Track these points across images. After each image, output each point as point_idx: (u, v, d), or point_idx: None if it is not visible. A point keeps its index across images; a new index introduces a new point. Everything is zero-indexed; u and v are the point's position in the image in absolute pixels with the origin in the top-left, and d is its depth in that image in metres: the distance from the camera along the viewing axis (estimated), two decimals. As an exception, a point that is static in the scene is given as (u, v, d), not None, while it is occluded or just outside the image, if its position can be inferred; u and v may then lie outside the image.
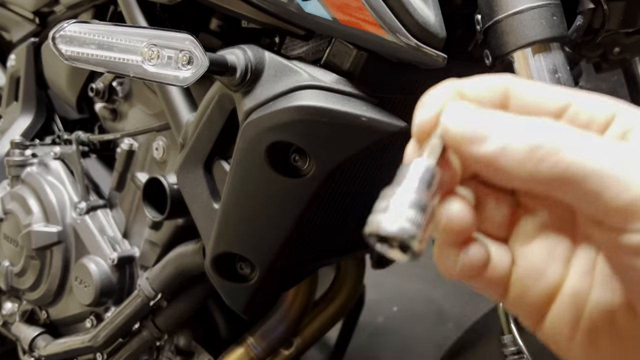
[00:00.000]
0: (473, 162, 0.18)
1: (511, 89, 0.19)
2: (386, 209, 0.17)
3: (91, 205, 0.68)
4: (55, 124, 0.81)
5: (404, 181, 0.18)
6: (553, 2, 0.35)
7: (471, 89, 0.20)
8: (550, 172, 0.17)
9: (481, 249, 0.20)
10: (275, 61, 0.43)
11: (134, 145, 0.65)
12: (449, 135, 0.18)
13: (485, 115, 0.18)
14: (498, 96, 0.19)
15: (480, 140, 0.18)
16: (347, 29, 0.40)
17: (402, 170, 0.19)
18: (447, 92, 0.20)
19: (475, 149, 0.18)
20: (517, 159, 0.17)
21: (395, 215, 0.17)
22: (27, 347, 0.72)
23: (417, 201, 0.17)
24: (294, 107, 0.41)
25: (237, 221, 0.48)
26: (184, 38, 0.42)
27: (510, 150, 0.17)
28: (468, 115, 0.18)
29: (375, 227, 0.17)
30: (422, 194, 0.18)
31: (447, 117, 0.19)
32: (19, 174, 0.74)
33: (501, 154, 0.17)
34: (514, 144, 0.17)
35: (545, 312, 0.20)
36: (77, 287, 0.65)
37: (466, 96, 0.20)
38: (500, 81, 0.20)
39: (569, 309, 0.19)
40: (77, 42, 0.47)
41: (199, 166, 0.52)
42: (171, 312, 0.64)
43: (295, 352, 0.66)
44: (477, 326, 0.51)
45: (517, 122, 0.18)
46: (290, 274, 0.53)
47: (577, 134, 0.17)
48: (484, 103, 0.19)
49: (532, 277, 0.20)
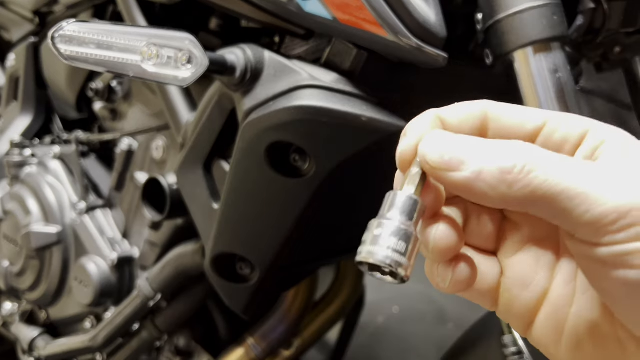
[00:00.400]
0: (451, 188, 0.20)
1: (489, 112, 0.20)
2: (373, 240, 0.19)
3: (91, 205, 0.68)
4: (55, 124, 0.81)
5: (388, 213, 0.20)
6: (553, 2, 0.35)
7: (451, 116, 0.21)
8: (521, 194, 0.18)
9: (468, 265, 0.21)
10: (275, 61, 0.43)
11: (133, 145, 0.65)
12: (426, 164, 0.20)
13: (460, 142, 0.19)
14: (477, 121, 0.20)
15: (456, 167, 0.19)
16: (347, 28, 0.39)
17: (386, 201, 0.20)
18: (428, 120, 0.21)
19: (451, 176, 0.19)
20: (490, 183, 0.18)
21: (382, 246, 0.19)
22: (27, 347, 0.72)
23: (401, 231, 0.19)
24: (293, 107, 0.41)
25: (236, 221, 0.48)
26: (183, 37, 0.42)
27: (484, 175, 0.18)
28: (443, 144, 0.19)
29: (364, 257, 0.19)
30: (405, 224, 0.19)
31: (424, 146, 0.20)
32: (18, 173, 0.74)
33: (475, 179, 0.18)
34: (487, 169, 0.18)
35: (533, 319, 0.21)
36: (77, 287, 0.65)
37: (447, 122, 0.21)
38: (478, 106, 0.21)
39: (554, 315, 0.20)
40: (77, 42, 0.47)
41: (198, 166, 0.52)
42: (171, 312, 0.64)
43: (295, 352, 0.66)
44: (477, 327, 0.51)
45: (490, 147, 0.19)
46: (290, 274, 0.53)
47: (547, 156, 0.18)
48: (464, 129, 0.20)
49: (519, 287, 0.21)
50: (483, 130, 0.21)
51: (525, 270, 0.21)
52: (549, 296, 0.21)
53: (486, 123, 0.21)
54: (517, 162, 0.18)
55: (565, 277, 0.20)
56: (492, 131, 0.21)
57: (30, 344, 0.72)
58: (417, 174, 0.20)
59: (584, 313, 0.20)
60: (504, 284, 0.21)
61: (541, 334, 0.21)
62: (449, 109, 0.21)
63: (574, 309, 0.20)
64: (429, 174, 0.20)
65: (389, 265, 0.19)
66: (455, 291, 0.21)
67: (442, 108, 0.21)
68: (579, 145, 0.19)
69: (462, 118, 0.21)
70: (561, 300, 0.20)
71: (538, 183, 0.17)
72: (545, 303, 0.21)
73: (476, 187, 0.18)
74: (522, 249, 0.22)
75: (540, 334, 0.21)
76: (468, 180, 0.18)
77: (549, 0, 0.35)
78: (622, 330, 0.19)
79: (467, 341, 0.50)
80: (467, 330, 0.52)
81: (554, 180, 0.17)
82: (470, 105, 0.21)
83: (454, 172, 0.19)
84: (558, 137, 0.20)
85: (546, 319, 0.20)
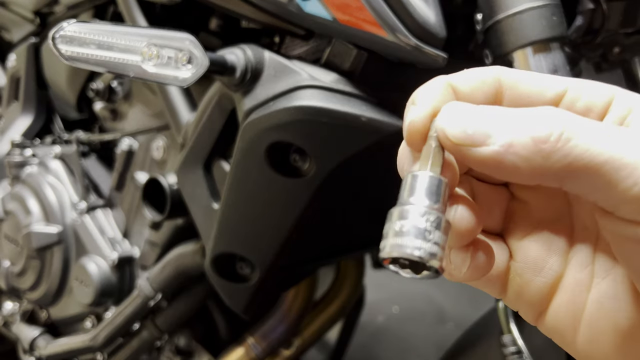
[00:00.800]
0: (477, 165, 0.17)
1: (503, 79, 0.18)
2: (399, 230, 0.17)
3: (91, 205, 0.68)
4: (56, 124, 0.81)
5: (410, 197, 0.17)
6: (553, 3, 0.35)
7: (463, 83, 0.19)
8: (559, 165, 0.16)
9: (485, 250, 0.19)
10: (275, 61, 0.43)
11: (133, 145, 0.65)
12: (448, 141, 0.17)
13: (483, 113, 0.17)
14: (491, 88, 0.18)
15: (482, 141, 0.16)
16: (347, 29, 0.39)
17: (405, 184, 0.18)
18: (439, 88, 0.18)
19: (477, 152, 0.17)
20: (524, 156, 0.16)
21: (410, 236, 0.16)
22: (28, 347, 0.72)
23: (430, 217, 0.17)
24: (293, 107, 0.41)
25: (237, 221, 0.48)
26: (184, 38, 0.42)
27: (516, 147, 0.16)
28: (465, 116, 0.17)
29: (389, 252, 0.17)
30: (433, 207, 0.17)
31: (443, 121, 0.17)
32: (19, 173, 0.74)
33: (506, 152, 0.16)
34: (518, 139, 0.16)
35: (546, 306, 0.19)
36: (77, 287, 0.65)
37: (459, 91, 0.19)
38: (491, 72, 0.19)
39: (570, 302, 0.19)
40: (77, 42, 0.47)
41: (198, 166, 0.52)
42: (171, 312, 0.64)
43: (295, 352, 0.66)
44: (477, 326, 0.51)
45: (519, 115, 0.17)
46: (290, 274, 0.53)
47: (586, 122, 0.16)
48: (477, 97, 0.18)
49: (531, 272, 0.19)
50: (497, 99, 0.18)
51: (537, 254, 0.19)
52: (564, 281, 0.19)
53: (501, 91, 0.18)
54: (554, 130, 0.16)
55: (581, 260, 0.19)
56: (507, 100, 0.18)
57: (31, 344, 0.72)
58: (437, 152, 0.18)
59: (606, 299, 0.18)
60: (515, 269, 0.20)
61: (555, 322, 0.19)
62: (460, 75, 0.19)
63: (592, 294, 0.18)
64: (450, 150, 0.18)
65: (422, 257, 0.16)
66: (470, 279, 0.19)
67: (452, 75, 0.19)
68: (605, 114, 0.17)
69: (474, 86, 0.18)
70: (578, 286, 0.19)
71: (579, 152, 0.15)
72: (559, 289, 0.19)
73: (507, 162, 0.16)
74: (532, 231, 0.20)
75: (554, 322, 0.19)
76: (498, 155, 0.16)
77: (549, 0, 0.35)
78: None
79: (467, 341, 0.50)
80: (467, 329, 0.52)
81: (597, 149, 0.15)
82: (482, 72, 0.19)
83: (480, 147, 0.16)
84: (581, 106, 0.18)
85: (561, 306, 0.19)
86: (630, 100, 0.17)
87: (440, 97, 0.18)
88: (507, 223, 0.21)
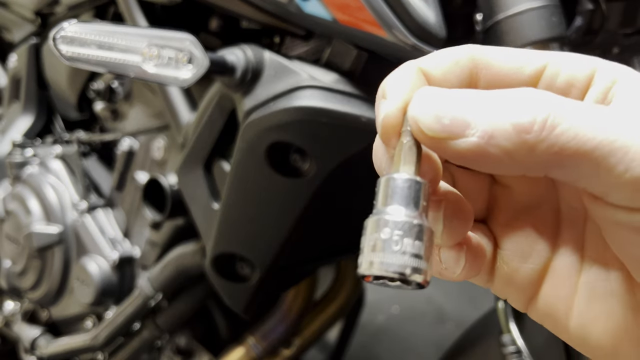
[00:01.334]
0: (456, 159, 0.15)
1: (477, 58, 0.17)
2: (377, 245, 0.15)
3: (92, 205, 0.68)
4: (56, 124, 0.81)
5: (387, 206, 0.15)
6: (552, 3, 0.35)
7: (434, 66, 0.17)
8: (546, 155, 0.14)
9: (477, 245, 0.18)
10: (275, 61, 0.44)
11: (134, 145, 0.65)
12: (421, 134, 0.15)
13: (459, 99, 0.15)
14: (465, 70, 0.17)
15: (460, 132, 0.15)
16: (347, 29, 0.40)
17: (380, 189, 0.16)
18: (410, 75, 0.17)
19: (455, 145, 0.15)
20: (507, 147, 0.14)
21: (390, 251, 0.15)
22: (29, 347, 0.72)
23: (410, 227, 0.15)
24: (293, 108, 0.41)
25: (237, 221, 0.48)
26: (184, 38, 0.42)
27: (497, 139, 0.14)
28: (439, 103, 0.15)
29: (368, 269, 0.15)
30: (412, 216, 0.15)
31: (414, 110, 0.15)
32: (20, 173, 0.74)
33: (487, 145, 0.14)
34: (500, 129, 0.14)
35: (536, 292, 0.19)
36: (78, 287, 0.65)
37: (430, 75, 0.17)
38: (464, 52, 0.17)
39: (560, 287, 0.18)
40: (78, 43, 0.47)
41: (199, 166, 0.52)
42: (172, 312, 0.64)
43: (295, 351, 0.66)
44: (476, 326, 0.51)
45: (498, 99, 0.15)
46: (290, 273, 0.53)
47: (571, 105, 0.14)
48: (451, 81, 0.17)
49: (518, 259, 0.19)
50: (473, 81, 0.17)
51: (523, 240, 0.18)
52: (553, 266, 0.18)
53: (476, 72, 0.17)
54: (537, 116, 0.14)
55: (570, 244, 0.18)
56: (484, 81, 0.17)
57: (32, 343, 0.72)
58: (411, 146, 0.16)
59: (598, 283, 0.17)
60: (501, 257, 0.19)
61: (546, 308, 0.18)
62: (430, 58, 0.17)
63: (583, 278, 0.18)
64: (426, 145, 0.16)
65: (405, 274, 0.15)
66: (465, 278, 0.18)
67: (422, 58, 0.17)
68: (588, 88, 0.16)
69: (446, 68, 0.17)
70: (568, 270, 0.18)
71: (566, 140, 0.14)
72: (549, 274, 0.18)
73: (488, 155, 0.14)
74: (517, 216, 0.19)
75: (544, 308, 0.18)
76: (478, 148, 0.14)
77: (548, 1, 0.35)
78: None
79: (467, 340, 0.50)
80: (467, 329, 0.52)
81: (587, 134, 0.14)
82: (454, 52, 0.17)
83: (458, 139, 0.15)
84: (562, 81, 0.16)
85: (551, 292, 0.18)
86: (614, 71, 0.16)
87: (412, 85, 0.16)
88: (491, 209, 0.20)
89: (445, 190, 0.18)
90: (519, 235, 0.19)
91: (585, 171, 0.14)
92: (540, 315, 0.19)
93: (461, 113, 0.15)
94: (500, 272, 0.19)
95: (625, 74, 0.16)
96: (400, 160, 0.16)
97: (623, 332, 0.17)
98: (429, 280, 0.15)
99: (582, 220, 0.18)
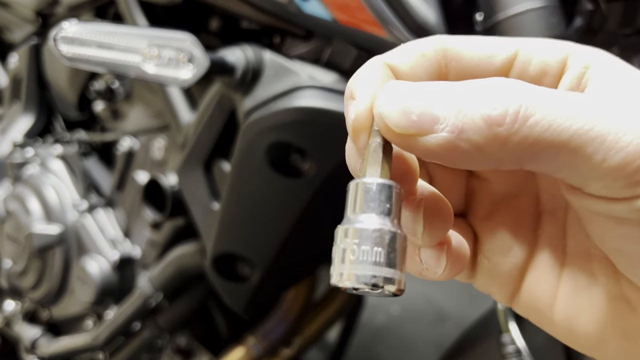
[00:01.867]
0: (426, 156, 0.15)
1: (447, 49, 0.16)
2: (348, 255, 0.14)
3: (92, 205, 0.68)
4: (57, 124, 0.81)
5: (358, 214, 0.15)
6: (551, 4, 0.35)
7: (401, 61, 0.16)
8: (519, 148, 0.13)
9: (459, 243, 0.18)
10: (275, 61, 0.44)
11: (134, 145, 0.65)
12: (388, 131, 0.15)
13: (427, 91, 0.14)
14: (433, 62, 0.16)
15: (428, 127, 0.14)
16: (346, 29, 0.40)
17: (350, 196, 0.15)
18: (376, 71, 0.16)
19: (424, 142, 0.14)
20: (477, 142, 0.14)
21: (359, 262, 0.14)
22: (30, 346, 0.72)
23: (381, 236, 0.14)
24: (293, 108, 0.41)
25: (237, 221, 0.48)
26: (184, 38, 0.43)
27: (467, 133, 0.14)
28: (405, 97, 0.14)
29: (340, 281, 0.14)
30: (382, 223, 0.14)
31: (380, 106, 0.15)
32: (20, 173, 0.74)
33: (457, 140, 0.14)
34: (469, 122, 0.14)
35: (518, 287, 0.18)
36: (79, 286, 0.65)
37: (398, 70, 0.16)
38: (431, 43, 0.16)
39: (543, 280, 0.18)
40: (78, 43, 0.47)
41: (199, 166, 0.52)
42: (172, 311, 0.64)
43: (295, 351, 0.66)
44: (476, 326, 0.51)
45: (467, 90, 0.14)
46: (290, 273, 0.53)
47: (544, 92, 0.14)
48: (419, 75, 0.16)
49: (499, 253, 0.18)
50: (442, 73, 0.16)
51: (503, 234, 0.18)
52: (535, 259, 0.18)
53: (445, 64, 0.16)
54: (509, 106, 0.13)
55: (551, 235, 0.18)
56: (454, 73, 0.16)
57: (32, 343, 0.72)
58: (380, 147, 0.15)
59: (580, 274, 0.17)
60: (482, 252, 0.19)
61: (530, 302, 0.18)
62: (396, 52, 0.16)
63: (566, 270, 0.17)
64: (394, 143, 0.15)
65: (376, 285, 0.14)
66: (448, 278, 0.18)
67: (388, 53, 0.16)
68: (561, 74, 0.16)
69: (413, 62, 0.16)
70: (550, 263, 0.17)
71: (540, 130, 0.13)
72: (531, 267, 0.18)
73: (460, 150, 0.14)
74: (496, 209, 0.18)
75: (528, 301, 0.18)
76: (448, 144, 0.14)
77: (548, 2, 0.35)
78: (632, 290, 0.16)
79: (467, 340, 0.51)
80: (466, 329, 0.52)
81: (561, 124, 0.13)
82: (421, 44, 0.16)
83: (427, 135, 0.14)
84: (535, 68, 0.16)
85: (534, 285, 0.18)
86: (587, 56, 0.15)
87: (379, 82, 0.16)
88: (469, 202, 0.19)
89: (423, 189, 0.18)
90: (499, 229, 0.18)
91: (561, 162, 0.14)
92: (524, 309, 0.18)
93: (429, 107, 0.14)
94: (482, 267, 0.19)
95: (598, 58, 0.15)
96: (372, 162, 0.15)
97: (609, 322, 0.17)
98: (403, 289, 0.15)
99: (562, 211, 0.18)
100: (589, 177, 0.14)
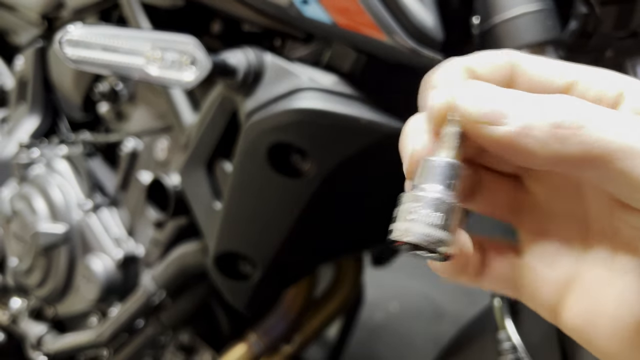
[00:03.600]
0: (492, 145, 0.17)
1: (516, 65, 0.18)
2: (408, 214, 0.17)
3: (97, 204, 0.69)
4: (62, 126, 0.82)
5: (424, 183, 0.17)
6: (547, 7, 0.36)
7: (479, 66, 0.19)
8: (574, 150, 0.15)
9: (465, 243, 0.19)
10: (276, 63, 0.44)
11: (138, 146, 0.66)
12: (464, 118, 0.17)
13: (503, 93, 0.17)
14: (503, 73, 0.18)
15: (497, 120, 0.16)
16: (346, 32, 0.40)
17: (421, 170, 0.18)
18: (458, 70, 0.18)
19: (492, 130, 0.16)
20: (540, 138, 0.16)
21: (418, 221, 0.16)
22: (35, 343, 0.73)
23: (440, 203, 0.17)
24: (294, 109, 0.42)
25: (239, 221, 0.49)
26: (187, 41, 0.43)
27: (533, 130, 0.16)
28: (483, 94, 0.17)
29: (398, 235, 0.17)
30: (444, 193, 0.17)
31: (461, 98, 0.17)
32: (26, 174, 0.75)
33: (523, 134, 0.16)
34: (536, 122, 0.16)
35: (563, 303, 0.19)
36: (83, 284, 0.66)
37: (476, 74, 0.18)
38: (505, 57, 0.19)
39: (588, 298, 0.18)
40: (83, 46, 0.48)
41: (201, 167, 0.53)
42: (175, 309, 0.65)
43: (296, 348, 0.67)
44: (473, 323, 0.51)
45: (535, 99, 0.17)
46: (290, 272, 0.54)
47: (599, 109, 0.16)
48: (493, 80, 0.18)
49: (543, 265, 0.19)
50: (510, 84, 0.18)
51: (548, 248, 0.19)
52: (581, 278, 0.18)
53: (513, 76, 0.18)
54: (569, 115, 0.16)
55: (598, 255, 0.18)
56: (519, 86, 0.18)
57: (38, 340, 0.73)
58: (454, 135, 0.17)
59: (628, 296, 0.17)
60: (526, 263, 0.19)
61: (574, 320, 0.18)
62: (475, 58, 0.19)
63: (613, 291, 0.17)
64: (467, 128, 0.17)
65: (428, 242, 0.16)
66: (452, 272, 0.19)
67: (468, 57, 0.19)
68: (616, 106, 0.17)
69: (488, 69, 0.18)
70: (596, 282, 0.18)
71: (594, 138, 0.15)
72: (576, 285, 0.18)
73: (522, 144, 0.16)
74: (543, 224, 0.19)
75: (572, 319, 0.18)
76: (513, 135, 0.16)
77: (543, 5, 0.36)
78: None
79: (464, 337, 0.51)
80: (464, 326, 0.53)
81: (609, 137, 0.15)
82: (495, 57, 0.19)
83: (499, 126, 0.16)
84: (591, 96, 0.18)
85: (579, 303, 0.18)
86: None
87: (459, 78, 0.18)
88: (516, 216, 0.20)
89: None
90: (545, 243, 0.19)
91: (610, 174, 0.15)
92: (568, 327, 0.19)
93: (500, 105, 0.17)
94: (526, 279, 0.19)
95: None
96: (442, 146, 0.18)
97: None
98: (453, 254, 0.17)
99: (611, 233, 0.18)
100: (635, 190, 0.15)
